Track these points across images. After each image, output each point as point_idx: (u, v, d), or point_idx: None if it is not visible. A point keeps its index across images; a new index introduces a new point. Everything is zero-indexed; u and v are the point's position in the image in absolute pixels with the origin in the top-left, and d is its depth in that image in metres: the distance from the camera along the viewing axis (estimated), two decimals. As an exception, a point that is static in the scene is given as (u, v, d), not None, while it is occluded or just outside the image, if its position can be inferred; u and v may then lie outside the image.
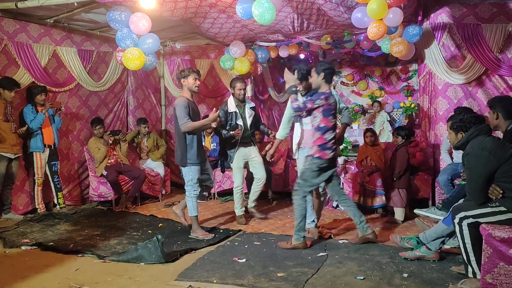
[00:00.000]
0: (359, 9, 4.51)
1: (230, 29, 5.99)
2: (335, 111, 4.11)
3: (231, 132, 5.07)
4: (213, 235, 4.52)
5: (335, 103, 4.11)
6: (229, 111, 5.09)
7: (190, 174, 4.50)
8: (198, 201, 4.73)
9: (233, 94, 5.15)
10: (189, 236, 4.50)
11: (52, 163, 5.60)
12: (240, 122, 5.10)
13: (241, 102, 5.16)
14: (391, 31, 4.66)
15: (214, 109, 4.52)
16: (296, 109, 4.02)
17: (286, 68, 4.33)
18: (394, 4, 4.30)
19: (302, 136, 4.41)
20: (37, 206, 5.52)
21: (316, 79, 4.04)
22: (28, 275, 3.42)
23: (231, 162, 5.20)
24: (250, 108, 5.23)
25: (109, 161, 6.01)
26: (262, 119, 7.42)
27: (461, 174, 4.64)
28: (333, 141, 4.01)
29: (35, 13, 5.35)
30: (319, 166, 4.00)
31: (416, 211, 4.28)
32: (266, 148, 5.13)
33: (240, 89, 5.05)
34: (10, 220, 5.13)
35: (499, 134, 3.83)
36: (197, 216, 4.57)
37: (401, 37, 5.24)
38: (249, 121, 5.18)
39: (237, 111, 5.10)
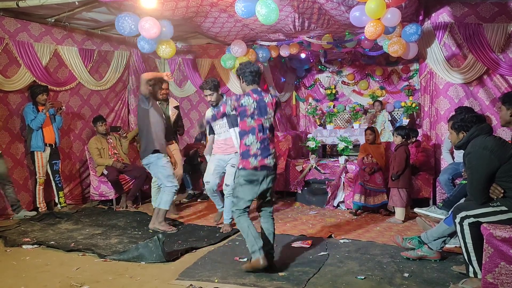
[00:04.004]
0: (357, 8, 4.50)
1: (231, 28, 5.98)
2: (258, 112, 3.36)
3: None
4: (175, 228, 4.76)
5: (257, 104, 3.36)
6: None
7: None
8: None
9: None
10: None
11: (53, 162, 5.61)
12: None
13: (164, 101, 5.37)
14: (389, 31, 4.66)
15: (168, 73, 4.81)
16: (213, 118, 3.79)
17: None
18: (393, 4, 4.29)
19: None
20: (38, 205, 5.54)
21: (240, 85, 3.59)
22: (29, 274, 3.43)
23: None
24: (174, 107, 5.53)
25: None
26: None
27: (462, 174, 4.64)
28: (258, 146, 3.32)
29: (36, 12, 5.35)
30: (246, 179, 3.36)
31: (416, 209, 4.27)
32: None
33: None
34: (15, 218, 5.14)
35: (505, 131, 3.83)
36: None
37: (398, 37, 5.23)
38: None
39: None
